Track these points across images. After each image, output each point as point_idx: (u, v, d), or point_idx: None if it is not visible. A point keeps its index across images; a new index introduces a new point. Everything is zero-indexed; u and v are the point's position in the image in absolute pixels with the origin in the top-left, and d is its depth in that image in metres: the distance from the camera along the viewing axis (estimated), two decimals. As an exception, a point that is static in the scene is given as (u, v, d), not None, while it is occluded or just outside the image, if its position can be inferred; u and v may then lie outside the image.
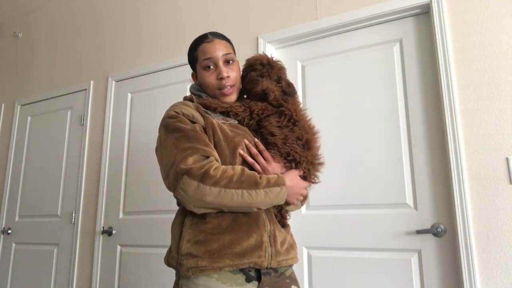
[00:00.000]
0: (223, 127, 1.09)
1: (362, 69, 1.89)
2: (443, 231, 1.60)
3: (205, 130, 1.08)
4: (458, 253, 1.53)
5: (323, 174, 1.21)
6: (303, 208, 1.92)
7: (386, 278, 1.67)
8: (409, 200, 1.69)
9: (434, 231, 1.59)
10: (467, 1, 1.68)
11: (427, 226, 1.63)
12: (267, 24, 2.16)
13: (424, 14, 1.80)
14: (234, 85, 1.18)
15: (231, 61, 1.19)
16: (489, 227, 1.49)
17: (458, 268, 1.54)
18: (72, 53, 3.02)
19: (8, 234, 2.95)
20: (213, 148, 1.05)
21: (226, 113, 1.15)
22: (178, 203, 1.14)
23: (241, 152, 1.08)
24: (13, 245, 2.91)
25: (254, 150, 1.10)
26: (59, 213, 2.72)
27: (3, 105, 3.33)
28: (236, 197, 0.98)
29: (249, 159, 1.08)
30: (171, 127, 1.07)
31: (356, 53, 1.93)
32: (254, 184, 1.00)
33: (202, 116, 1.10)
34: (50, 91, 3.04)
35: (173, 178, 0.99)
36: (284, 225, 1.16)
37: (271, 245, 1.05)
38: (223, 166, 1.01)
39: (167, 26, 2.53)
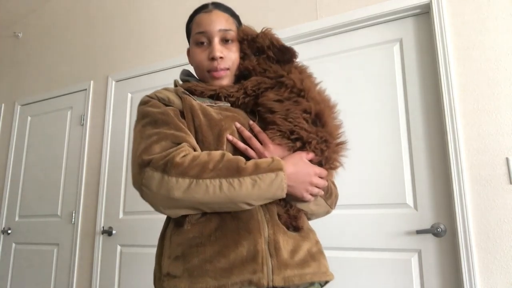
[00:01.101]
0: (207, 110, 0.88)
1: (362, 69, 1.89)
2: (443, 231, 1.60)
3: (182, 114, 0.88)
4: (458, 253, 1.53)
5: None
6: (303, 208, 1.92)
7: (386, 278, 1.67)
8: (409, 200, 1.69)
9: (434, 231, 1.59)
10: (467, 1, 1.68)
11: (427, 226, 1.63)
12: (267, 24, 2.14)
13: (424, 14, 1.80)
14: (228, 69, 0.96)
15: (230, 40, 0.97)
16: (489, 227, 1.49)
17: (458, 268, 1.54)
18: (72, 53, 3.02)
19: (8, 234, 2.95)
20: (189, 133, 0.84)
21: (216, 97, 0.94)
22: None
23: (229, 137, 0.85)
24: (13, 245, 2.91)
25: (247, 133, 0.88)
26: (59, 213, 2.72)
27: (3, 105, 3.33)
28: (212, 190, 0.75)
29: (240, 144, 0.86)
30: (140, 114, 0.89)
31: (356, 53, 1.93)
32: (236, 171, 0.76)
33: (180, 98, 0.90)
34: (50, 91, 3.04)
35: (136, 173, 0.79)
36: (296, 227, 0.87)
37: (271, 255, 0.78)
38: (196, 152, 0.80)
39: (167, 26, 2.53)
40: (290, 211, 0.87)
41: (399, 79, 1.81)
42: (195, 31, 0.98)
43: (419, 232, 1.62)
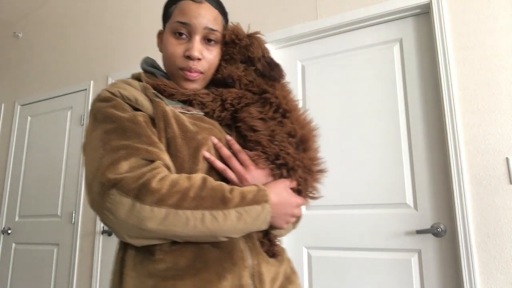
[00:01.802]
0: (181, 118, 0.76)
1: (362, 69, 1.89)
2: (443, 231, 1.60)
3: (153, 121, 0.74)
4: (458, 253, 1.53)
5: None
6: (303, 208, 1.92)
7: (386, 278, 1.67)
8: (409, 200, 1.69)
9: (434, 231, 1.59)
10: (467, 1, 1.68)
11: (427, 226, 1.63)
12: (267, 24, 2.16)
13: (424, 14, 1.80)
14: (203, 73, 0.84)
15: (213, 41, 0.85)
16: (489, 227, 1.49)
17: (458, 268, 1.54)
18: (72, 53, 3.02)
19: (8, 234, 2.95)
20: (163, 148, 0.72)
21: (188, 102, 0.82)
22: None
23: (207, 154, 0.74)
24: (13, 245, 2.91)
25: (226, 152, 0.77)
26: (59, 213, 2.72)
27: (3, 105, 3.33)
28: (193, 223, 0.65)
29: (219, 164, 0.75)
30: (101, 115, 0.73)
31: (356, 53, 1.93)
32: (221, 201, 0.67)
33: (150, 100, 0.76)
34: (50, 91, 3.04)
35: (97, 193, 0.65)
36: (273, 254, 0.80)
37: None
38: (174, 175, 0.68)
39: (167, 26, 2.53)
40: (270, 237, 0.81)
41: (399, 79, 1.81)
42: (176, 19, 0.83)
43: (419, 232, 1.62)
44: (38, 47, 3.28)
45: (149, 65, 0.90)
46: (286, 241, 1.93)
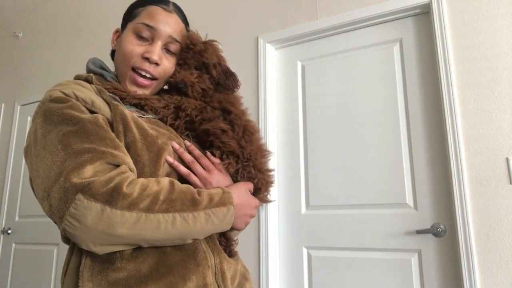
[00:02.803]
0: (140, 122, 0.74)
1: (362, 69, 1.89)
2: (443, 231, 1.60)
3: (111, 125, 0.72)
4: (458, 253, 1.53)
5: (323, 174, 1.17)
6: (303, 208, 1.92)
7: (386, 278, 1.67)
8: (409, 200, 1.69)
9: (434, 231, 1.59)
10: (467, 1, 1.68)
11: (427, 226, 1.63)
12: (267, 24, 2.16)
13: (424, 14, 1.80)
14: (156, 80, 0.84)
15: (172, 52, 0.86)
16: (489, 227, 1.49)
17: (458, 268, 1.54)
18: (72, 53, 3.02)
19: (8, 234, 2.95)
20: (126, 152, 0.70)
21: (140, 107, 0.82)
22: (67, 238, 0.69)
23: (170, 159, 0.74)
24: (13, 245, 2.91)
25: (188, 156, 0.78)
26: (59, 213, 2.72)
27: (3, 105, 3.33)
28: (164, 226, 0.64)
29: (183, 169, 0.76)
30: (57, 116, 0.68)
31: (356, 53, 1.93)
32: (191, 204, 0.67)
33: (108, 104, 0.74)
34: (50, 91, 3.04)
35: (59, 199, 0.61)
36: (231, 253, 0.84)
37: (218, 286, 0.73)
38: (143, 179, 0.67)
39: (167, 26, 2.53)
40: (227, 235, 0.84)
41: (399, 79, 1.81)
42: (142, 20, 0.83)
43: (419, 232, 1.62)
44: (38, 47, 3.28)
45: (97, 67, 0.88)
46: (286, 241, 1.93)
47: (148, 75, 0.83)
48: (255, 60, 2.13)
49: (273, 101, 2.09)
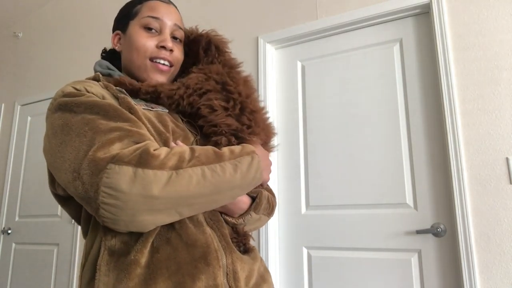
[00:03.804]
0: (147, 115, 0.76)
1: (362, 69, 1.89)
2: (443, 231, 1.60)
3: None
4: (458, 253, 1.53)
5: (323, 174, 1.18)
6: (303, 208, 1.92)
7: (386, 278, 1.67)
8: (409, 200, 1.69)
9: (434, 231, 1.59)
10: (467, 1, 1.68)
11: (427, 226, 1.63)
12: (267, 24, 2.16)
13: (424, 14, 1.80)
14: (173, 66, 0.87)
15: (179, 40, 0.89)
16: (489, 227, 1.49)
17: (458, 268, 1.54)
18: (72, 53, 3.02)
19: (8, 234, 2.95)
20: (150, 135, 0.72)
21: (154, 99, 0.82)
22: (87, 232, 0.75)
23: (180, 143, 0.76)
24: (13, 245, 2.91)
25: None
26: (59, 213, 2.72)
27: (3, 105, 3.33)
28: (196, 179, 0.65)
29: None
30: (75, 105, 0.69)
31: (356, 53, 1.93)
32: (215, 156, 0.69)
33: (116, 97, 0.75)
34: (50, 91, 3.03)
35: (90, 174, 0.61)
36: (247, 249, 0.82)
37: (230, 287, 0.71)
38: (165, 147, 0.69)
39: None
40: (238, 230, 0.82)
41: (399, 79, 1.81)
42: (146, 14, 0.86)
43: (419, 232, 1.62)
44: (38, 47, 3.28)
45: (104, 68, 0.89)
46: (286, 241, 1.93)
47: (166, 63, 0.86)
48: (255, 60, 2.13)
49: (273, 101, 2.09)
